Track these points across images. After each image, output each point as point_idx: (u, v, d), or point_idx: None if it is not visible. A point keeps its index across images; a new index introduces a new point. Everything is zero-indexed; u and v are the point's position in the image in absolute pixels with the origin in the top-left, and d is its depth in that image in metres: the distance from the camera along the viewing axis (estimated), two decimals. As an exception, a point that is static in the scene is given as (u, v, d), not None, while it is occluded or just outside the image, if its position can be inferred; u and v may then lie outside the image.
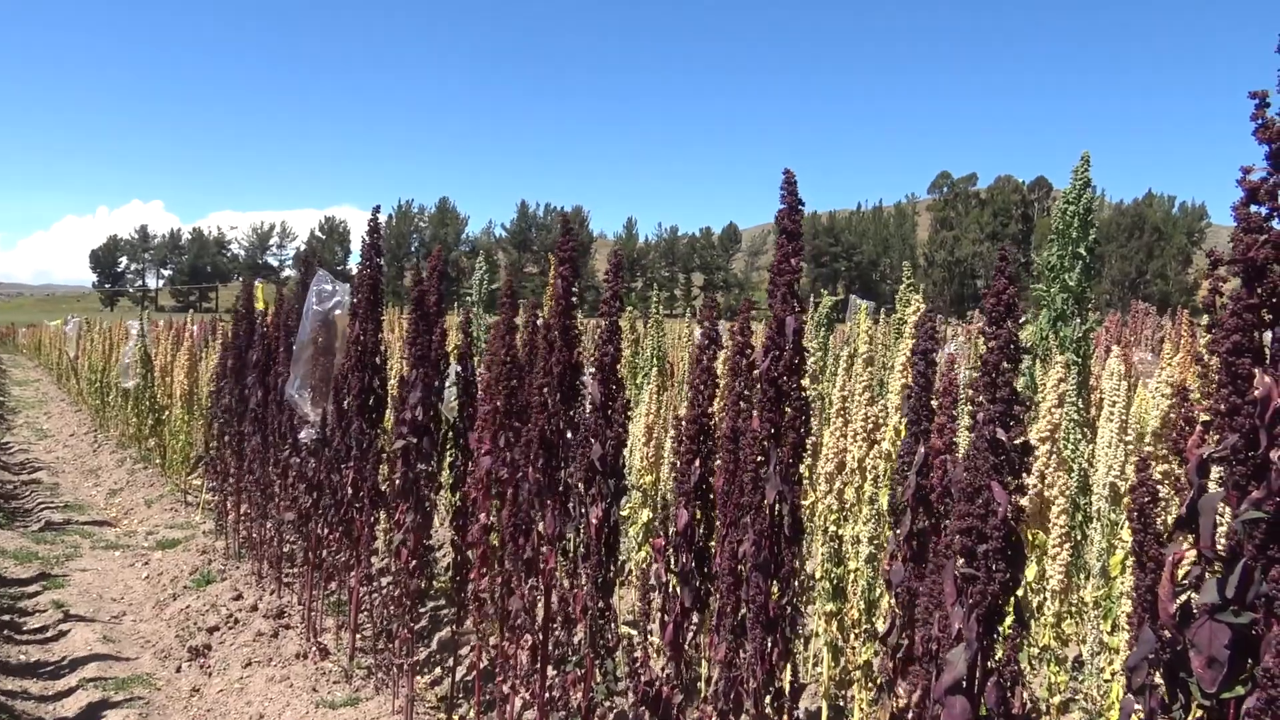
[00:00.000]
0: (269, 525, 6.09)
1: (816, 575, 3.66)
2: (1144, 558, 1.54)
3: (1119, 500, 3.35)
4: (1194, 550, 1.40)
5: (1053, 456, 2.84)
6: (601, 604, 2.93)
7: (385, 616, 4.50)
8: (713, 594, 2.59)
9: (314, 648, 5.06)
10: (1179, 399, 1.65)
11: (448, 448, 4.44)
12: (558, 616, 3.20)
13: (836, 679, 3.58)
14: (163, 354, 11.31)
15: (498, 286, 9.96)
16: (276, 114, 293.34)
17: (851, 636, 3.51)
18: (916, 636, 2.04)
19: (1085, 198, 6.00)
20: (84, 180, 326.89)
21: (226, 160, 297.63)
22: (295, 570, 5.97)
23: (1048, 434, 2.87)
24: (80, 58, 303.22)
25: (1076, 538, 3.93)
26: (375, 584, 4.72)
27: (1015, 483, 1.63)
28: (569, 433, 3.15)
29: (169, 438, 10.32)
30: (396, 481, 4.23)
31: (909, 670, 2.25)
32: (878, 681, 2.96)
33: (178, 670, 5.10)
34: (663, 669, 2.67)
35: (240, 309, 6.78)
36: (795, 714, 2.37)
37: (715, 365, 2.66)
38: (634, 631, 4.37)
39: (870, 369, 3.63)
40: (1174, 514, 1.48)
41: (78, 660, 5.13)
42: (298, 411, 5.12)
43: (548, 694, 3.21)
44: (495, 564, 3.65)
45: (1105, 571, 3.25)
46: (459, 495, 4.11)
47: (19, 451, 13.59)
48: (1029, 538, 2.83)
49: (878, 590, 3.34)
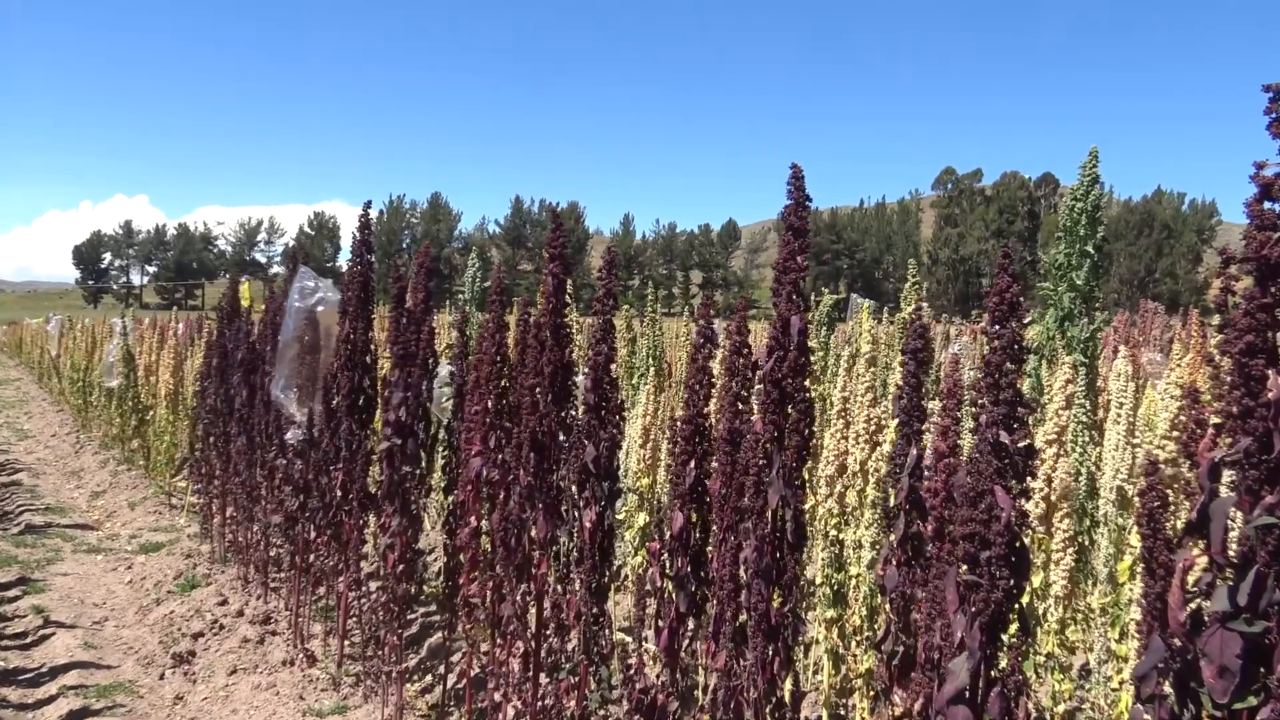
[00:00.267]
0: (255, 528, 6.08)
1: (817, 581, 3.65)
2: (1153, 564, 1.54)
3: (1127, 504, 3.34)
4: (1205, 556, 1.40)
5: (1059, 459, 2.83)
6: (595, 610, 2.92)
7: (374, 622, 4.48)
8: (709, 599, 2.58)
9: (301, 654, 5.04)
10: (1189, 401, 1.65)
11: (439, 449, 4.43)
12: (551, 623, 3.19)
13: (837, 687, 3.58)
14: (147, 353, 11.28)
15: (491, 283, 9.95)
16: (265, 107, 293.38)
17: (853, 644, 3.51)
18: (916, 643, 2.04)
19: (1093, 194, 5.99)
20: (67, 174, 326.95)
21: (213, 154, 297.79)
22: (282, 575, 5.96)
23: (1054, 436, 2.87)
24: (63, 47, 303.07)
25: (1083, 542, 3.93)
26: (364, 589, 4.71)
27: (1019, 487, 1.62)
28: (561, 434, 3.14)
29: (153, 439, 10.30)
30: (383, 484, 4.22)
31: (905, 678, 2.24)
32: (878, 689, 2.96)
33: (161, 678, 5.09)
34: (658, 676, 2.66)
35: (226, 307, 6.77)
36: (795, 724, 2.36)
37: (711, 365, 2.65)
38: (629, 638, 4.37)
39: (873, 369, 3.62)
40: (1184, 519, 1.47)
41: (58, 667, 5.11)
42: (283, 412, 5.11)
43: (540, 702, 3.20)
44: (486, 569, 3.64)
45: (1113, 577, 3.24)
46: (451, 498, 4.10)
47: (-1, 452, 13.56)
48: (1034, 543, 2.82)
49: (879, 597, 3.33)
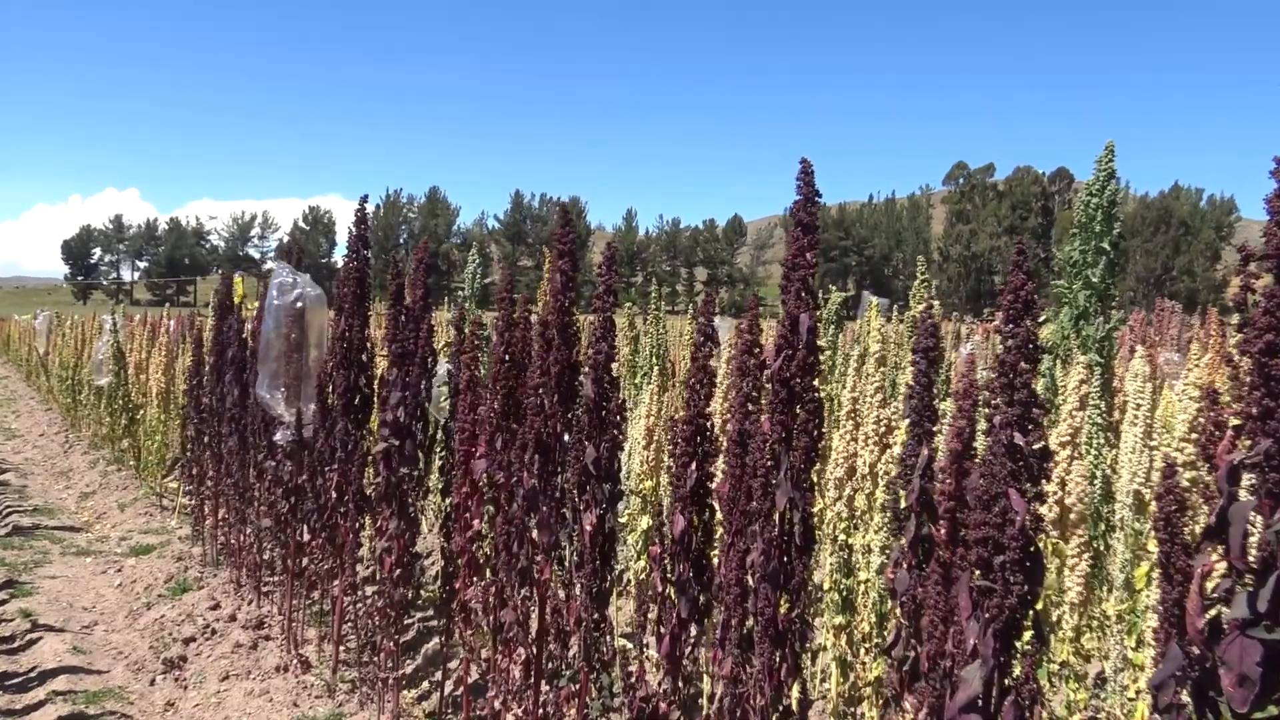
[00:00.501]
0: (248, 530, 6.08)
1: (825, 586, 3.65)
2: (1171, 569, 1.54)
3: (1144, 509, 3.34)
4: (1224, 562, 1.40)
5: (1074, 462, 2.83)
6: (597, 616, 2.92)
7: (370, 627, 4.49)
8: (712, 605, 2.58)
9: (295, 660, 5.05)
10: (1208, 402, 1.64)
11: (437, 450, 4.43)
12: (551, 629, 3.20)
13: (845, 695, 3.58)
14: (137, 350, 11.30)
15: (491, 280, 9.95)
16: (259, 98, 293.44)
17: (861, 651, 3.50)
18: (924, 650, 2.04)
19: (1109, 190, 5.98)
20: (56, 167, 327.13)
21: (206, 147, 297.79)
22: (275, 578, 5.97)
23: (1069, 438, 2.87)
24: (51, 36, 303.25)
25: (1099, 548, 3.93)
26: (360, 593, 4.71)
27: (1034, 490, 1.62)
28: (566, 435, 3.14)
29: (144, 438, 10.31)
30: (380, 486, 4.23)
31: (916, 685, 2.24)
32: (885, 697, 2.96)
33: (151, 683, 5.10)
34: (660, 684, 2.66)
35: (219, 303, 6.77)
36: (801, 732, 2.36)
37: (712, 364, 2.65)
38: (631, 644, 4.37)
39: (882, 369, 3.62)
40: (1202, 523, 1.47)
41: (47, 672, 5.12)
42: (271, 412, 5.12)
43: (540, 710, 3.20)
44: (486, 573, 3.64)
45: (1129, 584, 3.24)
46: (449, 500, 4.10)
47: (-14, 452, 13.59)
48: (1048, 548, 2.82)
49: (889, 603, 3.33)
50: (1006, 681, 1.62)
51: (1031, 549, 1.61)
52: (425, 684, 4.94)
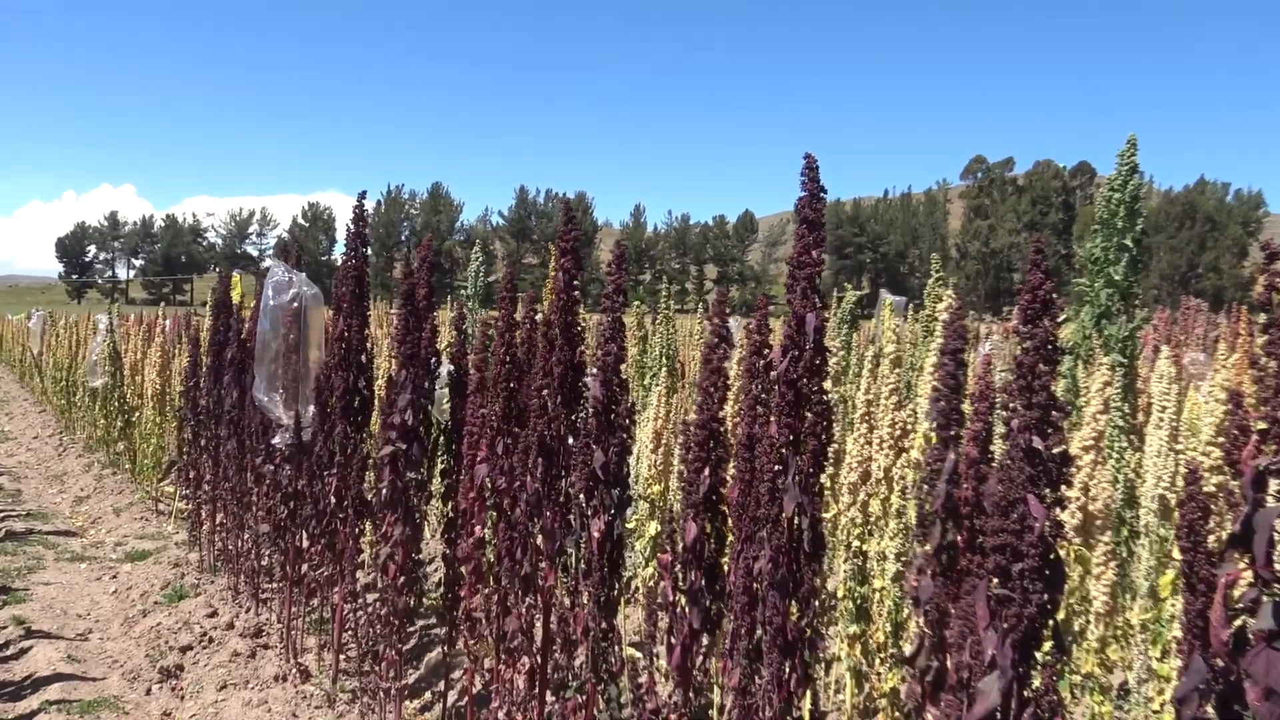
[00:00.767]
0: (246, 536, 6.10)
1: (839, 594, 3.65)
2: (1194, 579, 1.53)
3: (1169, 514, 3.33)
4: (1249, 571, 1.39)
5: (1096, 467, 2.83)
6: (604, 624, 2.92)
7: (371, 636, 4.50)
8: (725, 614, 2.58)
9: (294, 669, 5.06)
10: (1234, 405, 1.64)
11: (439, 454, 4.43)
12: (557, 638, 3.20)
13: (860, 707, 3.57)
14: (133, 350, 11.34)
15: (495, 278, 9.95)
16: (257, 92, 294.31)
17: (876, 661, 3.50)
18: (948, 660, 2.03)
19: (1132, 185, 5.97)
20: (49, 163, 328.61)
21: (203, 142, 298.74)
22: (274, 585, 5.98)
23: (1091, 442, 2.86)
24: (45, 30, 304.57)
25: (1122, 554, 3.92)
26: (361, 600, 4.72)
27: (1054, 495, 1.62)
28: (570, 438, 3.14)
29: (139, 441, 10.35)
30: (383, 491, 4.23)
31: (939, 697, 2.24)
32: (905, 709, 2.95)
33: (147, 693, 5.11)
34: (670, 695, 2.66)
35: (216, 302, 6.79)
36: (814, 745, 2.36)
37: (726, 366, 2.65)
38: (639, 654, 4.37)
39: (898, 370, 3.62)
40: (1227, 531, 1.47)
41: (40, 680, 5.15)
42: (269, 415, 5.13)
43: (546, 721, 3.21)
44: (490, 580, 3.65)
45: (1154, 592, 3.23)
46: (451, 505, 4.11)
47: (-22, 456, 13.65)
48: (1070, 555, 2.81)
49: (905, 611, 3.33)
50: (1026, 693, 1.62)
51: (1051, 556, 1.61)
52: (428, 694, 4.95)
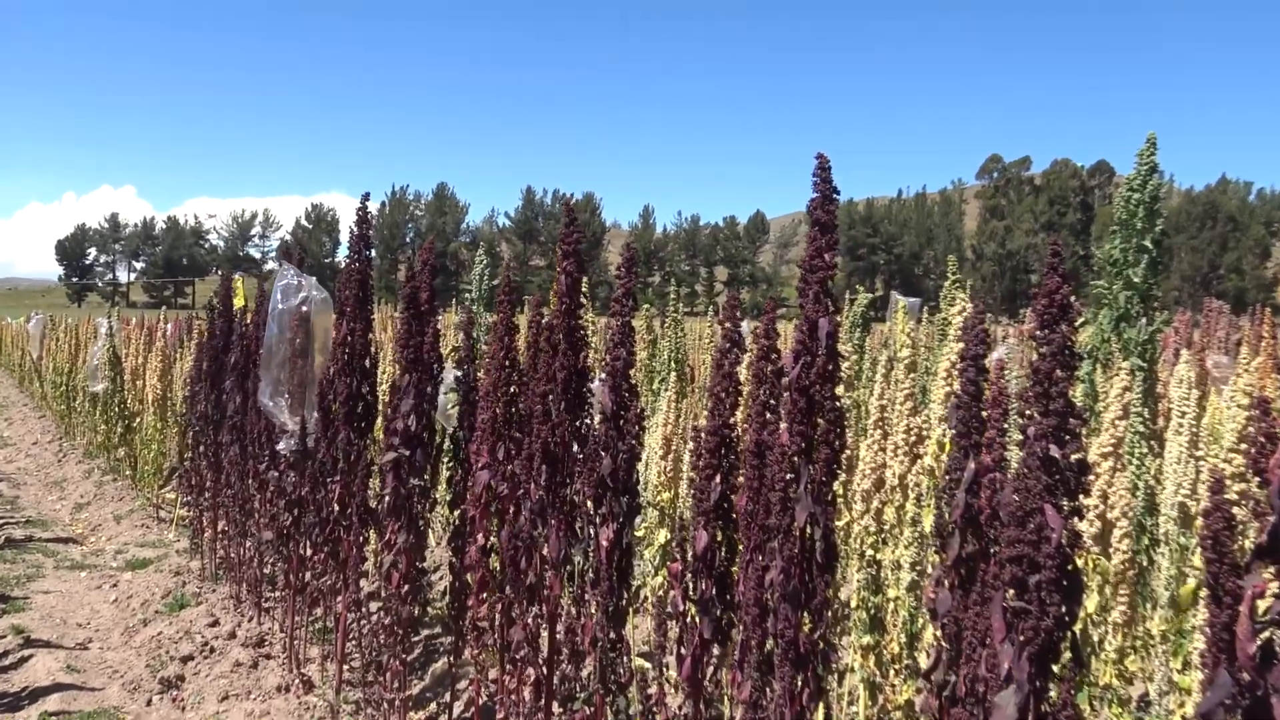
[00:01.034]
0: (249, 544, 6.11)
1: (852, 604, 3.63)
2: (1219, 590, 1.52)
3: (1190, 522, 3.31)
4: (1276, 582, 1.38)
5: (1115, 474, 2.81)
6: (613, 635, 2.92)
7: (375, 646, 4.50)
8: (736, 624, 2.57)
9: (297, 680, 5.07)
10: (1258, 410, 1.63)
11: (445, 460, 4.43)
12: (564, 648, 3.19)
13: (874, 719, 3.56)
14: (134, 355, 11.38)
15: (500, 281, 9.97)
16: (259, 92, 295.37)
17: (891, 673, 3.48)
18: (963, 673, 2.02)
19: (1151, 184, 5.94)
20: (49, 164, 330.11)
21: (205, 142, 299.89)
22: (277, 594, 5.99)
23: (1110, 449, 2.85)
24: (44, 31, 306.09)
25: (1142, 563, 3.90)
26: (364, 610, 4.72)
27: (1072, 505, 1.61)
28: (575, 445, 3.14)
29: (140, 447, 10.38)
30: (386, 498, 4.23)
31: (955, 711, 2.23)
32: (919, 723, 2.94)
33: (148, 703, 5.12)
34: (680, 707, 2.66)
35: (218, 305, 6.80)
36: (827, 759, 2.35)
37: (738, 371, 2.64)
38: (649, 665, 4.36)
39: (912, 375, 3.60)
40: (1251, 540, 1.46)
41: (39, 691, 5.16)
42: (274, 420, 5.13)
43: (553, 734, 3.20)
44: (495, 589, 3.64)
45: (1174, 601, 3.21)
46: (457, 513, 4.10)
47: (-23, 461, 13.71)
48: (1088, 565, 2.80)
49: (920, 621, 3.31)
50: (1043, 708, 1.61)
51: (1069, 567, 1.60)
52: (433, 705, 4.94)
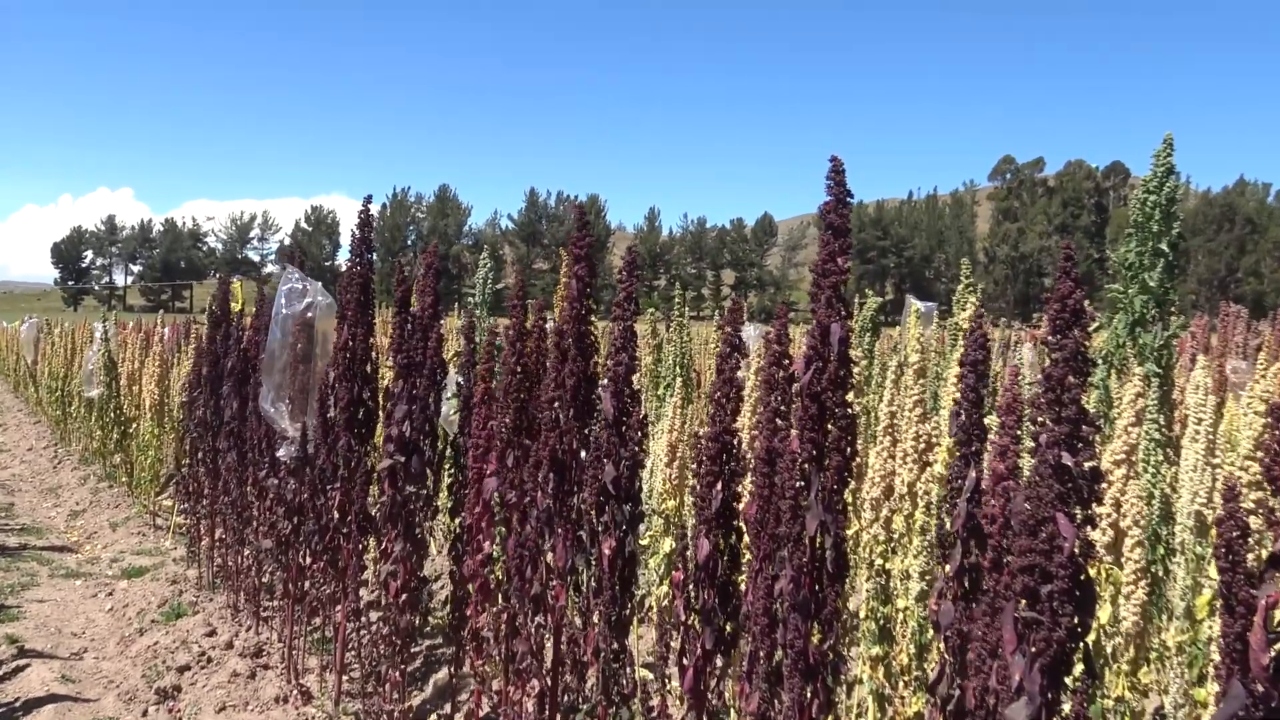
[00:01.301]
0: (247, 552, 6.12)
1: (860, 614, 3.63)
2: (1233, 600, 1.52)
3: (1206, 531, 3.31)
4: (1291, 593, 1.38)
5: (1129, 482, 2.81)
6: (615, 645, 2.92)
7: (375, 656, 4.50)
8: (739, 635, 2.57)
9: (295, 690, 5.07)
10: (1274, 418, 1.63)
11: (446, 467, 4.44)
12: (567, 659, 3.20)
13: (882, 732, 3.56)
14: (130, 359, 11.40)
15: (503, 285, 9.98)
16: (259, 93, 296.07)
17: (900, 684, 3.48)
18: (969, 686, 2.02)
19: (1168, 186, 5.93)
20: (45, 166, 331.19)
21: (203, 144, 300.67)
22: (275, 603, 6.00)
23: (1124, 456, 2.85)
24: (41, 31, 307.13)
25: (1157, 573, 3.89)
26: (364, 619, 4.73)
27: (1084, 514, 1.61)
28: (584, 452, 3.14)
29: (136, 453, 10.40)
30: (383, 506, 4.24)
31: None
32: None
33: (144, 714, 5.13)
34: (683, 718, 2.66)
35: (216, 309, 6.82)
36: (835, 773, 2.35)
37: (739, 376, 2.65)
38: (652, 676, 4.36)
39: (922, 381, 3.61)
40: (1267, 550, 1.46)
41: (33, 701, 5.17)
42: (275, 426, 5.14)
43: (556, 746, 3.20)
44: (498, 599, 3.65)
45: (1190, 612, 3.21)
46: (459, 521, 4.11)
47: (-29, 468, 13.75)
48: (1102, 575, 2.80)
49: (929, 632, 3.31)
50: (1055, 720, 1.61)
51: (1082, 577, 1.60)
52: (433, 717, 4.94)
